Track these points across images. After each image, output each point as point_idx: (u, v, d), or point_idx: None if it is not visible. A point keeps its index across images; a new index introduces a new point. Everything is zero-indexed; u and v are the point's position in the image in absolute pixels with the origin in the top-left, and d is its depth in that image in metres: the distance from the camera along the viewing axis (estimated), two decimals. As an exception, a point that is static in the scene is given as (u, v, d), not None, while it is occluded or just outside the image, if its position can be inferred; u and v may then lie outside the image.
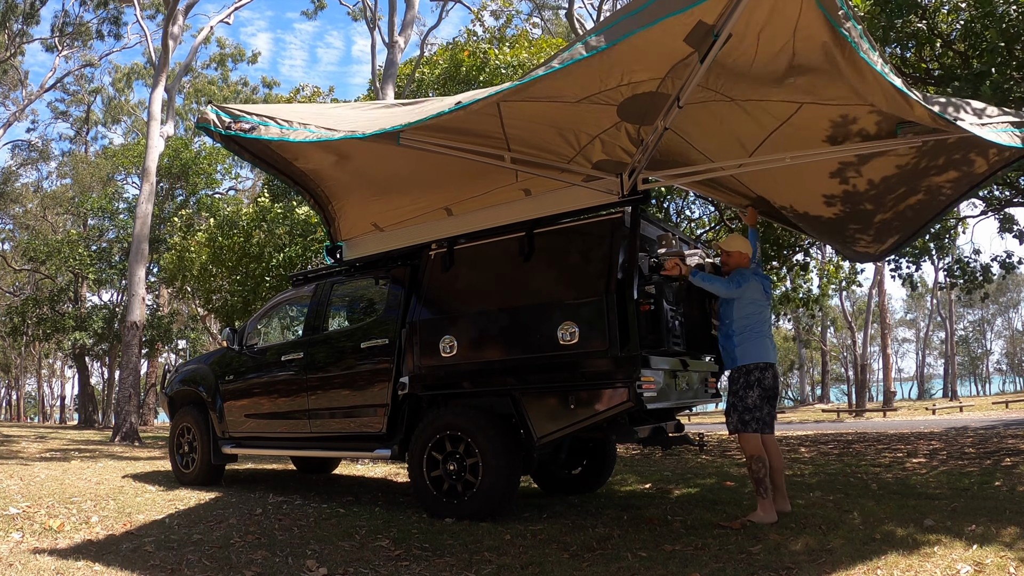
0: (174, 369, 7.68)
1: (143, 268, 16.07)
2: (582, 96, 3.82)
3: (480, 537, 4.15)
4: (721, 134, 4.38)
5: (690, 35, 3.11)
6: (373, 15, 17.63)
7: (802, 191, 5.03)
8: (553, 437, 4.53)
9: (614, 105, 3.97)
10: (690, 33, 3.09)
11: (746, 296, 4.53)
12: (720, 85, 3.77)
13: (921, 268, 12.45)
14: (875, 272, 30.81)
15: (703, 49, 3.18)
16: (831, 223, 5.33)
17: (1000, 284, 41.26)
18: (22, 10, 24.75)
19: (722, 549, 3.76)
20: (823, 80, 3.45)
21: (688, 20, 2.96)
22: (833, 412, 27.62)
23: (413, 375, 5.02)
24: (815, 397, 45.26)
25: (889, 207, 4.96)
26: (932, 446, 9.64)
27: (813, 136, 4.14)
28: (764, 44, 3.19)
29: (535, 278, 4.67)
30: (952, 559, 3.40)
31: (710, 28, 3.04)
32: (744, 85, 3.71)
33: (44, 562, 3.61)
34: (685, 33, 3.09)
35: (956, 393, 43.17)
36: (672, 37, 3.14)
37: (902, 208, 5.01)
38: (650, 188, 5.22)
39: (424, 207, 5.37)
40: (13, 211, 32.23)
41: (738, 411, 4.49)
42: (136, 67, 32.70)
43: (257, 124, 3.39)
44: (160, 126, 17.26)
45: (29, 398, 55.04)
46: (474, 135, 4.24)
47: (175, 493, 5.89)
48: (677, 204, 13.65)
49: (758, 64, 3.38)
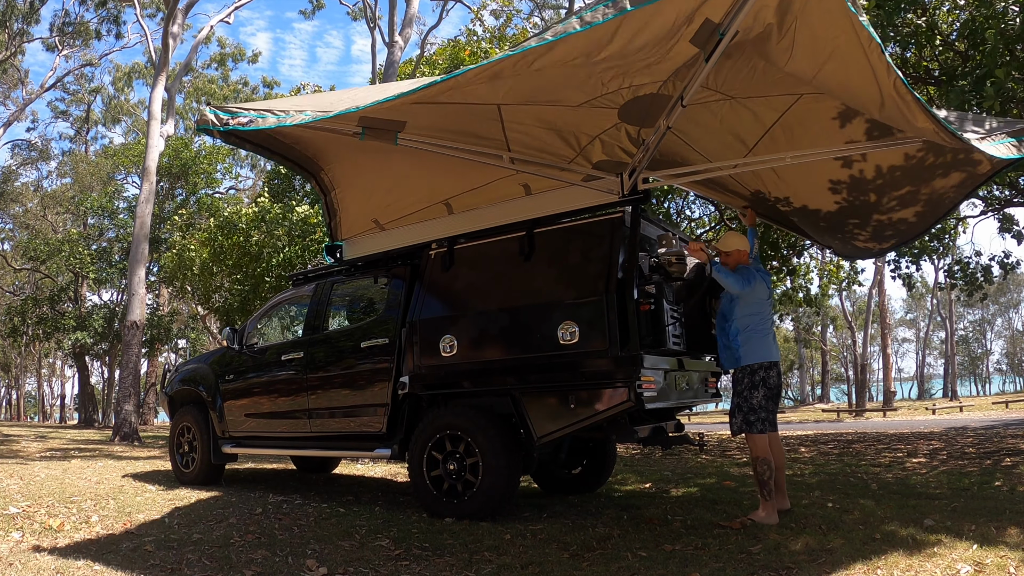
0: (174, 369, 7.68)
1: (143, 268, 16.08)
2: (583, 100, 3.83)
3: (480, 537, 4.15)
4: (721, 132, 4.36)
5: (696, 35, 3.11)
6: (373, 15, 17.63)
7: (806, 178, 4.93)
8: (553, 437, 4.53)
9: (615, 108, 3.97)
10: (696, 33, 3.09)
11: (751, 296, 4.51)
12: (721, 84, 3.76)
13: (921, 268, 12.47)
14: (875, 272, 30.86)
15: (708, 48, 3.18)
16: (830, 217, 5.27)
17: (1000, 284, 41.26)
18: (22, 10, 24.75)
19: (722, 549, 3.76)
20: (841, 74, 3.42)
21: (697, 18, 2.95)
22: (833, 412, 27.61)
23: (413, 375, 5.02)
24: (815, 397, 45.26)
25: (887, 210, 4.92)
26: (932, 446, 9.64)
27: (819, 122, 4.06)
28: (800, 38, 3.12)
29: (535, 278, 4.67)
30: (952, 559, 3.40)
31: (716, 26, 3.03)
32: (750, 82, 3.70)
33: (44, 561, 3.60)
34: (691, 35, 3.09)
35: (956, 393, 43.18)
36: (677, 40, 3.14)
37: (896, 219, 4.99)
38: (650, 188, 5.22)
39: (425, 199, 5.36)
40: (13, 211, 32.25)
41: (743, 412, 4.47)
42: (136, 66, 32.69)
43: (254, 117, 3.50)
44: (160, 126, 17.26)
45: (29, 398, 55.06)
46: (474, 136, 4.24)
47: (175, 493, 5.89)
48: (677, 204, 13.65)
49: (796, 58, 3.31)
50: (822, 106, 3.88)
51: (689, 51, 3.26)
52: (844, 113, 3.90)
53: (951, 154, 4.20)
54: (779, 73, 3.50)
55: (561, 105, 3.84)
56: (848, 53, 3.02)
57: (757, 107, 4.02)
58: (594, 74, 3.53)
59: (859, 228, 5.35)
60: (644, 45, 3.13)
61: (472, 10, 18.43)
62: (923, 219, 5.04)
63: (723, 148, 4.58)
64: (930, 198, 4.70)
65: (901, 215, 4.95)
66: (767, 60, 3.40)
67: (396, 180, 5.22)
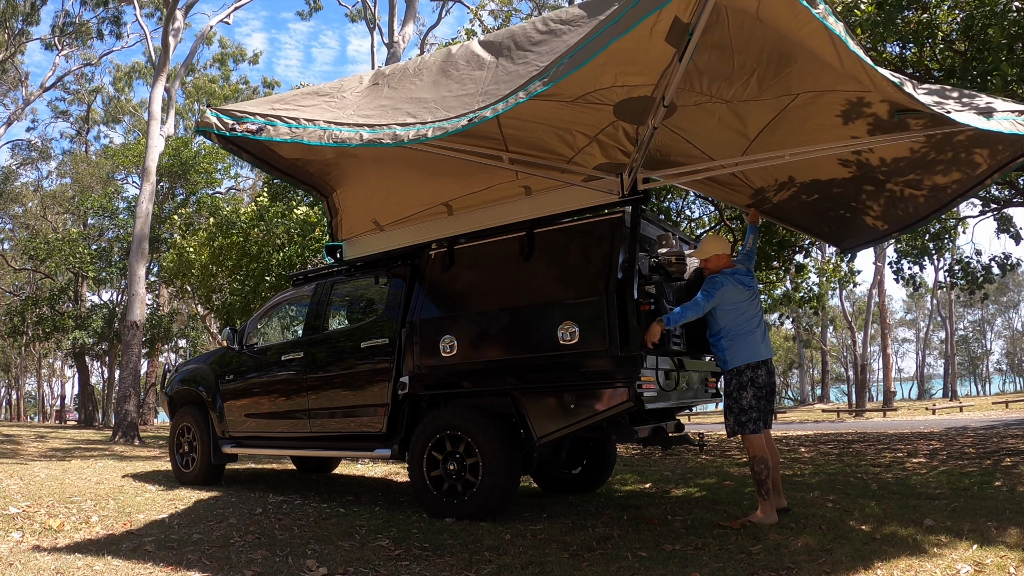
0: (174, 369, 7.68)
1: (143, 268, 16.08)
2: (578, 95, 3.82)
3: (480, 537, 4.15)
4: (721, 129, 4.35)
5: (669, 33, 3.13)
6: (373, 15, 17.63)
7: (813, 161, 4.80)
8: (553, 437, 4.53)
9: (610, 105, 3.97)
10: (669, 32, 3.11)
11: (725, 301, 4.46)
12: (715, 90, 3.78)
13: (924, 268, 12.45)
14: (875, 272, 30.87)
15: (680, 46, 3.19)
16: (845, 184, 5.04)
17: (1000, 284, 41.29)
18: (22, 10, 24.74)
19: (722, 549, 3.76)
20: (812, 71, 3.45)
21: (664, 20, 2.98)
22: (833, 412, 27.62)
23: (413, 375, 5.02)
24: (815, 397, 45.27)
25: (898, 184, 4.86)
26: (932, 446, 9.64)
27: (820, 118, 4.04)
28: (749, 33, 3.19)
29: (535, 278, 4.67)
30: (952, 559, 3.40)
31: (685, 26, 3.05)
32: (735, 85, 3.71)
33: (44, 562, 3.60)
34: (665, 32, 3.11)
35: (956, 393, 43.18)
36: (655, 39, 3.15)
37: (907, 195, 4.92)
38: (650, 188, 5.22)
39: (425, 202, 5.36)
40: (13, 211, 32.23)
41: (734, 413, 4.48)
42: (137, 65, 32.65)
43: (264, 124, 3.19)
44: (160, 125, 17.27)
45: (29, 398, 55.05)
46: (472, 136, 4.23)
47: (175, 493, 5.89)
48: (677, 204, 13.65)
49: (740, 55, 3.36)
50: (823, 103, 3.87)
51: (669, 50, 3.28)
52: (847, 112, 3.90)
53: (951, 152, 4.21)
54: (758, 63, 3.51)
55: (555, 99, 3.81)
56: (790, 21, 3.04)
57: (754, 109, 4.02)
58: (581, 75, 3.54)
59: (871, 199, 5.20)
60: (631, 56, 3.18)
61: (471, 10, 18.42)
62: (930, 204, 4.99)
63: (725, 142, 4.55)
64: (934, 187, 4.70)
65: (911, 192, 4.91)
66: (733, 48, 3.40)
67: (397, 184, 5.22)
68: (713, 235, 5.25)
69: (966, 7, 7.17)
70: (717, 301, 4.44)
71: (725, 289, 4.45)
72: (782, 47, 3.34)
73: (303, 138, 3.13)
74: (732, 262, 4.68)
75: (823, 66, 3.37)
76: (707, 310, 4.46)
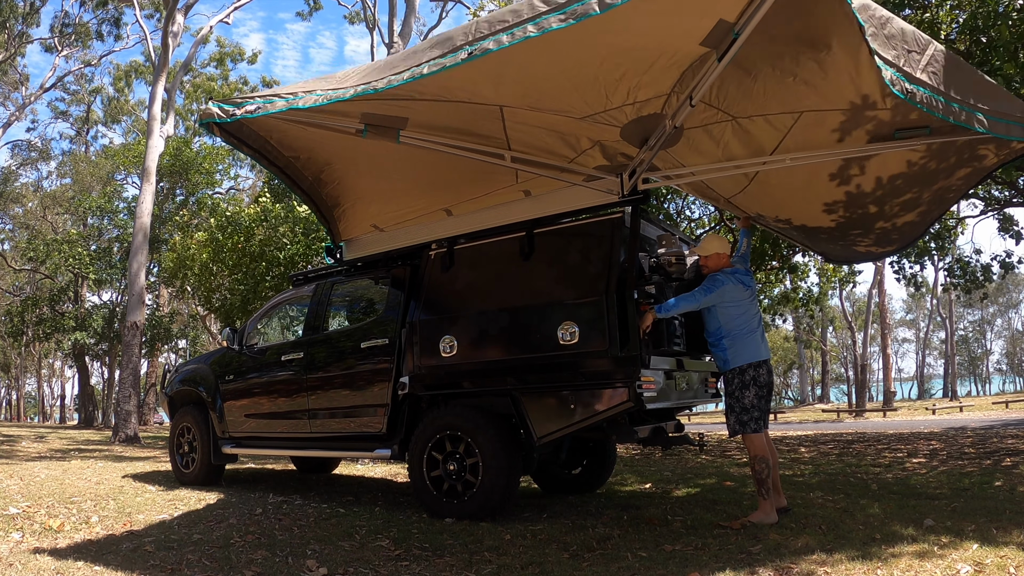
0: (174, 369, 7.68)
1: (143, 268, 16.08)
2: (587, 113, 3.83)
3: (480, 537, 4.14)
4: (722, 160, 4.40)
5: (709, 36, 3.10)
6: (372, 15, 17.63)
7: (802, 202, 4.94)
8: (553, 437, 4.53)
9: (618, 126, 3.98)
10: (709, 35, 3.08)
11: (726, 299, 4.46)
12: (722, 101, 3.78)
13: (925, 267, 12.45)
14: (875, 272, 30.86)
15: (722, 48, 3.17)
16: (831, 231, 5.26)
17: (1000, 284, 41.27)
18: (22, 11, 24.74)
19: (722, 549, 3.76)
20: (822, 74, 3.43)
21: (707, 20, 2.94)
22: (833, 412, 27.62)
23: (413, 375, 5.02)
24: (815, 397, 45.25)
25: (891, 216, 4.88)
26: (932, 446, 9.64)
27: (819, 142, 4.08)
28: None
29: (535, 278, 4.67)
30: (952, 559, 3.40)
31: (731, 26, 3.03)
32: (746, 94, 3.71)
33: (44, 562, 3.60)
34: (702, 37, 3.08)
35: (956, 393, 43.16)
36: (686, 41, 3.13)
37: (900, 224, 4.96)
38: (650, 188, 5.21)
39: (424, 207, 5.36)
40: (13, 211, 32.23)
41: (735, 412, 4.48)
42: (136, 64, 32.60)
43: (262, 103, 3.27)
44: (160, 126, 17.27)
45: (29, 398, 55.05)
46: (476, 135, 4.24)
47: (175, 493, 5.89)
48: (677, 204, 13.64)
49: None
50: (822, 122, 3.88)
51: (696, 52, 3.26)
52: (844, 124, 3.89)
53: (954, 157, 4.18)
54: (774, 77, 3.50)
55: (564, 115, 3.83)
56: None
57: (757, 127, 4.03)
58: (600, 76, 3.52)
59: (862, 236, 5.31)
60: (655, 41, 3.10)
61: (471, 10, 18.43)
62: (927, 217, 4.98)
63: (725, 172, 4.60)
64: (934, 196, 4.67)
65: (905, 219, 4.90)
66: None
67: (397, 190, 5.21)
68: (714, 234, 5.26)
69: (967, 7, 7.17)
70: (716, 299, 4.44)
71: (726, 288, 4.45)
72: (814, 33, 3.21)
73: (298, 104, 3.21)
74: (731, 262, 4.70)
75: (838, 69, 3.33)
76: (703, 305, 4.46)
